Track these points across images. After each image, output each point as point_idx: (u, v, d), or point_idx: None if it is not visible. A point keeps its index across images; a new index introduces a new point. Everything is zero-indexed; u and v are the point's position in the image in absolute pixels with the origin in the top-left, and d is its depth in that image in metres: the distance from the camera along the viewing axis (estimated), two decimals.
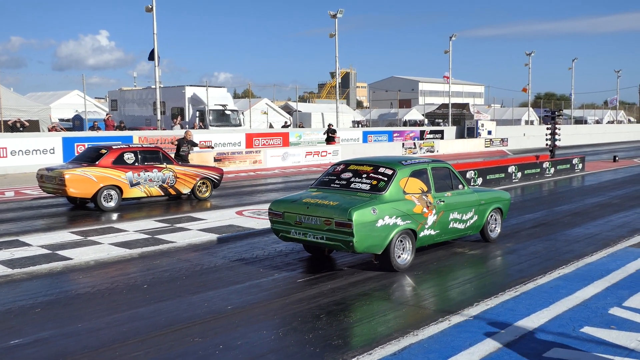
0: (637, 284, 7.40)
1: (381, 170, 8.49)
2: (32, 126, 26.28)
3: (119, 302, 6.84)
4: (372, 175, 8.44)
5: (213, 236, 10.35)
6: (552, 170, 21.94)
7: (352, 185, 8.41)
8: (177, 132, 25.82)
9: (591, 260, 8.67)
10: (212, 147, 23.24)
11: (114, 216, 12.71)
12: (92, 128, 26.84)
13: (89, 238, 10.08)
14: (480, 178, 18.00)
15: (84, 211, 13.47)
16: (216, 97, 32.61)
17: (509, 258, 9.32)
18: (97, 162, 13.45)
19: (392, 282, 7.70)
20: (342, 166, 9.00)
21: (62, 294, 7.16)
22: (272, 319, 6.27)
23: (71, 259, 8.67)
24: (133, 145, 14.48)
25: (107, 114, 32.90)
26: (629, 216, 12.82)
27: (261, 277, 7.87)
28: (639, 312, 6.35)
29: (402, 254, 8.24)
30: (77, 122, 34.49)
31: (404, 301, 6.99)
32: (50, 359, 5.22)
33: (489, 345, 5.41)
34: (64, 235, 10.29)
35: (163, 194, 14.48)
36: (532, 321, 6.05)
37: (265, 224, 11.46)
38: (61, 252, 9.01)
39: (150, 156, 14.27)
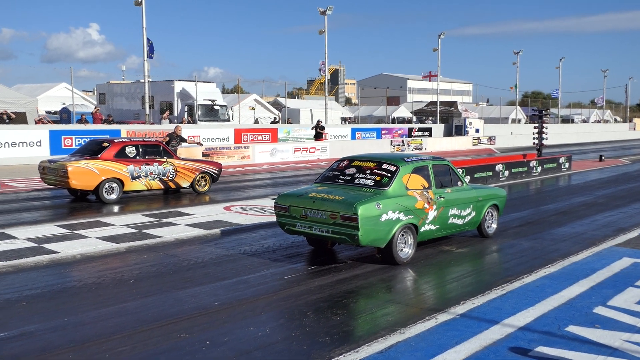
0: (622, 283, 7.49)
1: (384, 166, 8.66)
2: (19, 118, 26.00)
3: (106, 297, 6.81)
4: (376, 171, 8.61)
5: (201, 231, 10.31)
6: (539, 169, 22.09)
7: (357, 181, 8.57)
8: (166, 127, 25.70)
9: (577, 260, 8.76)
10: (201, 144, 23.23)
11: (102, 210, 12.63)
12: (80, 121, 26.63)
13: (76, 232, 10.01)
14: (468, 176, 18.04)
15: (71, 204, 13.39)
16: (205, 92, 32.45)
17: (496, 256, 9.39)
18: (99, 155, 13.59)
19: (379, 279, 7.72)
20: (345, 162, 9.15)
21: (48, 288, 7.11)
22: (259, 316, 6.27)
23: (57, 252, 8.61)
24: (135, 139, 14.78)
25: (95, 107, 32.62)
26: (614, 215, 12.94)
27: (249, 274, 7.86)
28: (623, 311, 6.42)
29: (404, 247, 8.41)
30: (64, 115, 34.11)
31: (391, 299, 7.02)
32: (35, 353, 5.18)
33: (475, 343, 5.44)
34: (51, 229, 10.21)
35: (163, 187, 14.65)
36: (518, 320, 6.10)
37: (253, 219, 11.45)
38: (47, 246, 8.94)
39: (151, 150, 14.47)
